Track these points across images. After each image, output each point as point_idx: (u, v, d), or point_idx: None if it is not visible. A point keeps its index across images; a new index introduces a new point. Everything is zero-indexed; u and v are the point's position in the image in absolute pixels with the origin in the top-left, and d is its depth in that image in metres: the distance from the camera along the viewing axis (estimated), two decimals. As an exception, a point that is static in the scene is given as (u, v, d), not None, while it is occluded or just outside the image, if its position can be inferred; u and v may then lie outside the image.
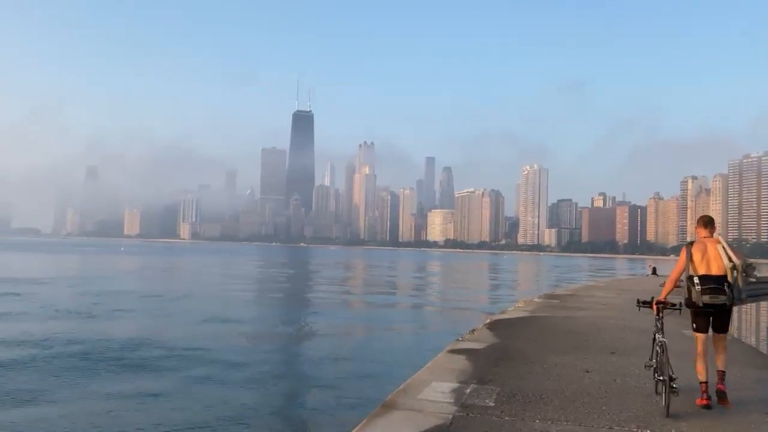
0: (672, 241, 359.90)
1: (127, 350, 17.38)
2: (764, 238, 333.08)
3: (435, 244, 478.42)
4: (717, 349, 6.98)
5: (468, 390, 7.54)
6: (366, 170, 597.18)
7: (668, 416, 6.45)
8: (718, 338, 6.98)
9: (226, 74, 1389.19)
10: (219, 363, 15.99)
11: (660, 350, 6.78)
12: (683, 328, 11.56)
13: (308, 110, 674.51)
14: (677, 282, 7.17)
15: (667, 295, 7.27)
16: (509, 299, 34.56)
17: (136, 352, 17.13)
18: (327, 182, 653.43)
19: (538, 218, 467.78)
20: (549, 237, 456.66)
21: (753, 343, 18.11)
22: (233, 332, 21.56)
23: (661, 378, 6.64)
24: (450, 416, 6.41)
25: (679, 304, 7.18)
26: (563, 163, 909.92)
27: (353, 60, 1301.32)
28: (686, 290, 6.92)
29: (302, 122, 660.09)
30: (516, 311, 17.71)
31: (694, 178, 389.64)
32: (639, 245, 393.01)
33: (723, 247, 6.89)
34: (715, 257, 6.84)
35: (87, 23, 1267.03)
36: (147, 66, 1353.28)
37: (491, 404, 6.90)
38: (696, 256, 6.92)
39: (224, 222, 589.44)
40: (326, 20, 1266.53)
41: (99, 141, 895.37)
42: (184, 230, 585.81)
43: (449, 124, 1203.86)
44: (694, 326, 7.01)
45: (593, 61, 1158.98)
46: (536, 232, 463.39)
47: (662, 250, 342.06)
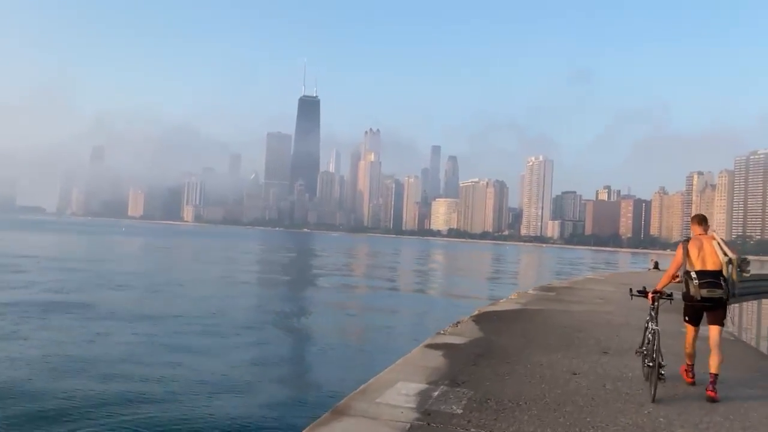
0: (676, 236, 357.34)
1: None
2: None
3: (438, 233, 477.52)
4: (712, 345, 7.11)
5: (436, 393, 6.65)
6: (371, 157, 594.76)
7: (654, 402, 6.66)
8: (714, 331, 7.17)
9: (234, 58, 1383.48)
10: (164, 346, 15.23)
11: (652, 338, 6.99)
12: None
13: (315, 96, 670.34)
14: (673, 277, 7.57)
15: (663, 287, 7.54)
16: (505, 290, 33.64)
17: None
18: (332, 168, 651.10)
19: (542, 210, 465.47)
20: (552, 229, 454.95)
21: (745, 338, 17.25)
22: (188, 325, 20.78)
23: (650, 364, 6.87)
24: (408, 425, 5.52)
25: (671, 295, 7.49)
26: (568, 155, 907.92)
27: (361, 47, 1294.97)
28: (684, 285, 7.20)
29: (308, 107, 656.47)
30: (508, 303, 16.80)
31: (700, 174, 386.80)
32: (643, 239, 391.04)
33: (718, 243, 7.19)
34: (711, 253, 7.13)
35: (95, 2, 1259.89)
36: (155, 47, 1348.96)
37: (458, 411, 6.01)
38: (692, 252, 7.22)
39: (228, 206, 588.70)
40: (334, 6, 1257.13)
41: (105, 121, 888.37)
42: (188, 213, 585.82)
43: (456, 114, 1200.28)
44: (686, 318, 7.37)
45: (600, 52, 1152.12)
46: (539, 224, 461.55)
47: (666, 245, 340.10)
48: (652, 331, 6.99)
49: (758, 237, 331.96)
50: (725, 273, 6.97)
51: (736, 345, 11.72)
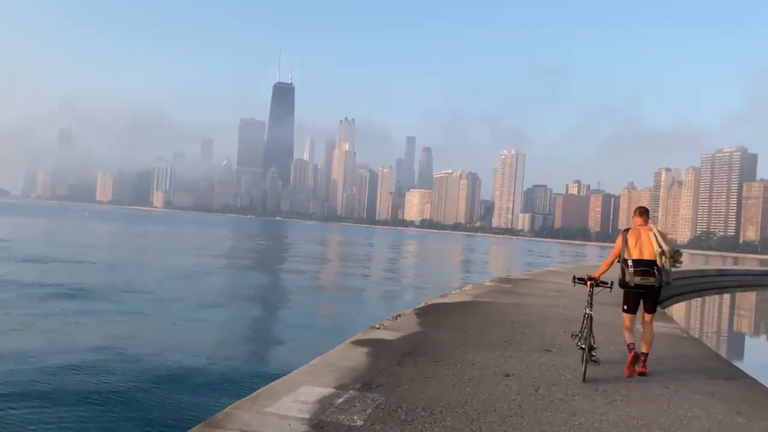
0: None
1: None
2: (731, 232, 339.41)
3: (411, 224, 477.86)
4: (644, 330, 7.67)
5: (341, 400, 5.77)
6: (346, 146, 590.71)
7: (585, 381, 7.04)
8: (646, 318, 7.66)
9: (208, 42, 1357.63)
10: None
11: (586, 322, 7.33)
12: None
13: (289, 82, 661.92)
14: (612, 264, 7.84)
15: (601, 275, 7.72)
16: (469, 280, 32.97)
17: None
18: (306, 157, 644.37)
19: (513, 203, 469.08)
20: (523, 221, 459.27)
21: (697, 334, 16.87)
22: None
23: (583, 346, 7.24)
24: (290, 442, 4.64)
25: (611, 283, 7.63)
26: (540, 148, 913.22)
27: (337, 36, 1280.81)
28: (621, 272, 7.58)
29: (283, 94, 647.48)
30: (460, 295, 16.07)
31: (668, 170, 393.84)
32: (611, 233, 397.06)
33: (654, 234, 7.54)
34: (647, 243, 7.51)
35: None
36: (127, 29, 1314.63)
37: (359, 423, 5.15)
38: (630, 242, 7.60)
39: (199, 192, 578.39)
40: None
41: (73, 102, 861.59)
42: (158, 198, 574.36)
43: (431, 105, 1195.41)
44: (625, 307, 7.69)
45: (573, 48, 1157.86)
46: (510, 216, 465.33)
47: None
48: (587, 316, 7.35)
49: (721, 233, 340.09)
50: (659, 263, 7.38)
51: (687, 341, 11.13)
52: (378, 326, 10.23)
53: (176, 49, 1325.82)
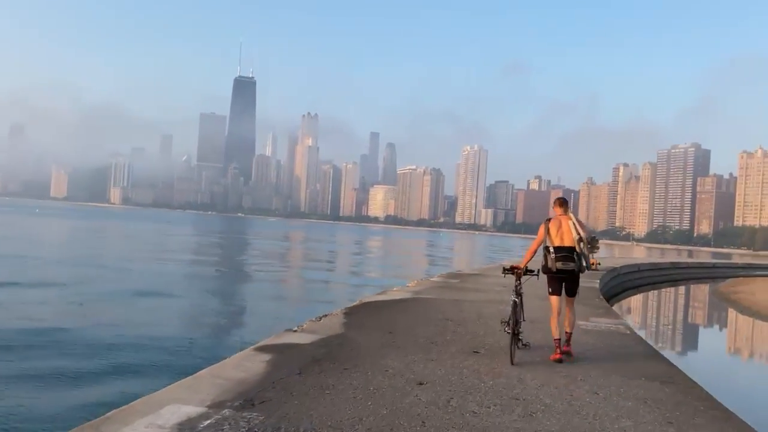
0: (602, 226, 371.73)
1: None
2: (686, 225, 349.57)
3: (375, 220, 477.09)
4: (567, 311, 8.08)
5: (207, 422, 4.83)
6: (309, 142, 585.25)
7: (513, 365, 7.36)
8: (569, 301, 8.11)
9: (167, 34, 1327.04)
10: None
11: (512, 309, 7.65)
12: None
13: (251, 77, 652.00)
14: (535, 252, 8.25)
15: (527, 263, 8.07)
16: (416, 276, 32.34)
17: None
18: (268, 152, 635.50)
19: (476, 198, 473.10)
20: (485, 217, 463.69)
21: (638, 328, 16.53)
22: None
23: (508, 331, 7.59)
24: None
25: (537, 271, 8.01)
26: (502, 144, 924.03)
27: (300, 30, 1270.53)
28: (543, 258, 7.99)
29: (244, 88, 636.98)
30: (399, 291, 15.27)
31: (626, 165, 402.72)
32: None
33: (573, 223, 7.93)
34: (567, 231, 7.91)
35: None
36: (80, 20, 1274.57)
37: (214, 454, 4.21)
38: (552, 231, 7.99)
39: (158, 188, 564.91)
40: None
41: (22, 96, 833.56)
42: (115, 195, 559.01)
43: (394, 101, 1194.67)
44: (550, 290, 8.06)
45: (535, 46, 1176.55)
46: (474, 212, 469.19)
47: (591, 233, 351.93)
48: (513, 302, 7.72)
49: (677, 227, 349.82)
50: (578, 249, 7.81)
51: (628, 339, 10.53)
52: (296, 329, 9.32)
53: (135, 42, 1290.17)
